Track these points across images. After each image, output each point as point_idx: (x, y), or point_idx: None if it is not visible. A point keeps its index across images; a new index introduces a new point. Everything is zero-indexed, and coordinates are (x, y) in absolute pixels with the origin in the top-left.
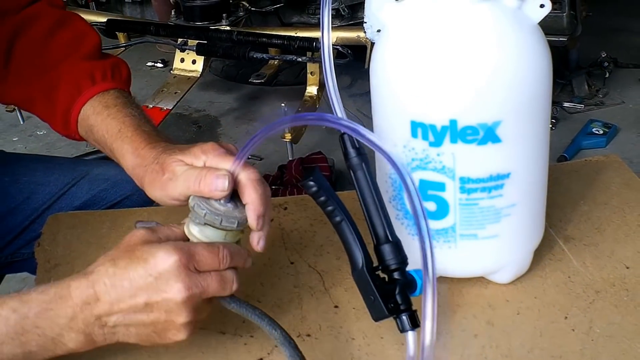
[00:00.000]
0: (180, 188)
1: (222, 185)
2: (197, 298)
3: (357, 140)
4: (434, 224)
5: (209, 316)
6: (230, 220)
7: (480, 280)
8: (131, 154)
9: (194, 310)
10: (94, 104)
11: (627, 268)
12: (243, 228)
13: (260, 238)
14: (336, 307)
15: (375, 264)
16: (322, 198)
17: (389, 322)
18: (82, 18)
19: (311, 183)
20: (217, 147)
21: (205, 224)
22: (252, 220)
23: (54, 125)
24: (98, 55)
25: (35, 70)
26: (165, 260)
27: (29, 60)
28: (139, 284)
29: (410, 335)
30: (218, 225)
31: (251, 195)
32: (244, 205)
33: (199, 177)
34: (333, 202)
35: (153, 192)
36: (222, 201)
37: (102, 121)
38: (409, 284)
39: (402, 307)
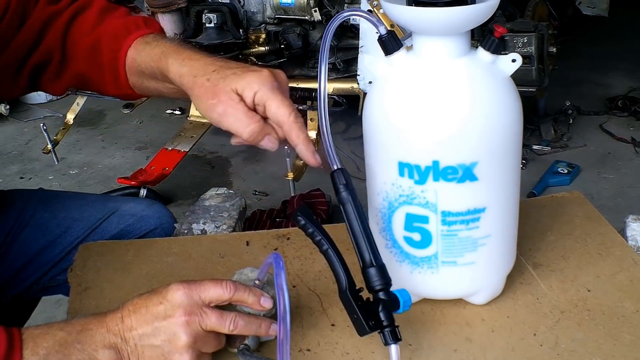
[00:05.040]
0: (225, 126)
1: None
2: (196, 325)
3: (345, 177)
4: (419, 252)
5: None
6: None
7: (459, 302)
8: (177, 64)
9: (193, 336)
10: (136, 46)
11: (589, 291)
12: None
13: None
14: (333, 325)
15: (360, 285)
16: (310, 230)
17: (380, 338)
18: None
19: (299, 218)
20: (272, 79)
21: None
22: (309, 158)
23: (105, 87)
24: (129, 14)
25: (84, 52)
26: (174, 290)
27: (80, 47)
28: (152, 311)
29: (393, 348)
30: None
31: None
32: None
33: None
34: (319, 233)
35: (198, 107)
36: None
37: (146, 54)
38: (392, 303)
39: (384, 324)
